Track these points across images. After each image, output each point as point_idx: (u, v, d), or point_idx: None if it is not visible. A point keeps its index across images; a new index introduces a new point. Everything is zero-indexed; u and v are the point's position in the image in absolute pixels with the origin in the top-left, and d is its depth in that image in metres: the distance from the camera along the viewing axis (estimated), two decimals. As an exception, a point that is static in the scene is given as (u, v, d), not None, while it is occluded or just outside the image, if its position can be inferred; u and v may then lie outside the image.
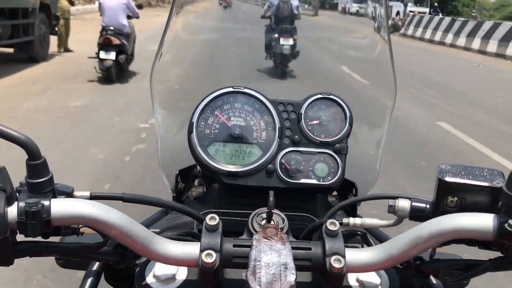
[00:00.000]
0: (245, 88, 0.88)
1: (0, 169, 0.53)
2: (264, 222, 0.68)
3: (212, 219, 0.60)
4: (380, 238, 0.83)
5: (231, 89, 0.87)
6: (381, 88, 1.06)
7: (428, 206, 0.63)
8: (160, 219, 0.89)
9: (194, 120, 0.85)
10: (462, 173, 0.60)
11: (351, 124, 0.87)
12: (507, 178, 0.55)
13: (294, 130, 0.87)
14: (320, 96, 0.89)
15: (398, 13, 36.00)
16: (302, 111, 0.87)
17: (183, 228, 0.80)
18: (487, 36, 15.81)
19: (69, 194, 0.60)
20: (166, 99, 1.05)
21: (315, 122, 0.88)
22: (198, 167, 1.03)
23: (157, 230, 0.82)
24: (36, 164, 0.54)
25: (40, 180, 0.54)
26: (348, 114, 0.88)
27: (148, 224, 0.86)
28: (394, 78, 1.00)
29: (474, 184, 0.58)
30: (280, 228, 0.67)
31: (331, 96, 0.89)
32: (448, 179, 0.59)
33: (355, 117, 0.88)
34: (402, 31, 21.60)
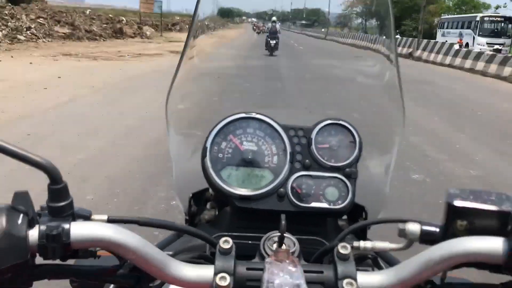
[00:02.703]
0: (257, 114, 0.90)
1: (23, 193, 0.55)
2: (275, 245, 0.69)
3: (225, 243, 0.61)
4: (390, 261, 0.83)
5: (243, 115, 0.90)
6: (390, 113, 1.08)
7: (438, 230, 0.63)
8: (174, 241, 0.90)
9: (208, 145, 0.87)
10: (471, 197, 0.61)
11: (360, 149, 0.89)
12: None
13: (305, 154, 0.88)
14: (329, 121, 0.91)
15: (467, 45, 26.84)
16: (313, 136, 0.89)
17: (196, 250, 0.82)
18: None
19: (87, 217, 0.62)
20: (180, 124, 1.08)
21: (325, 147, 0.90)
22: (211, 190, 1.05)
23: (170, 253, 0.83)
24: (58, 189, 0.55)
25: (61, 204, 0.56)
26: (357, 140, 0.89)
27: (162, 247, 0.87)
28: (402, 102, 1.02)
29: (482, 208, 0.59)
30: (291, 252, 0.68)
31: (340, 122, 0.91)
32: (457, 203, 0.60)
33: (365, 142, 0.90)
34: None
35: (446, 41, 23.80)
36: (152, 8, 33.71)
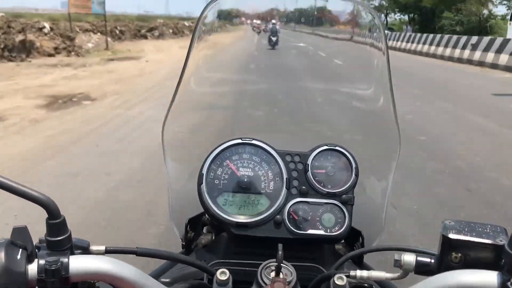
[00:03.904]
0: (253, 139, 0.91)
1: (22, 228, 0.55)
2: (273, 274, 0.70)
3: (222, 274, 0.61)
4: None
5: (239, 141, 0.90)
6: (386, 139, 1.09)
7: (433, 261, 0.64)
8: (170, 268, 0.90)
9: (204, 171, 0.88)
10: (466, 229, 0.61)
11: (357, 175, 0.89)
12: (510, 236, 0.57)
13: (301, 180, 0.89)
14: (326, 147, 0.91)
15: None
16: (309, 162, 0.90)
17: (193, 277, 0.82)
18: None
19: (85, 248, 0.63)
20: (176, 150, 1.08)
21: (321, 172, 0.90)
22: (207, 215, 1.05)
23: (167, 281, 0.83)
24: (56, 223, 0.56)
25: (60, 238, 0.56)
26: (354, 165, 0.90)
27: (158, 274, 0.87)
28: (398, 129, 1.02)
29: (477, 241, 0.60)
30: (288, 282, 0.68)
31: (337, 148, 0.91)
32: (452, 236, 0.61)
33: (361, 167, 0.90)
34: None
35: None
36: (90, 7, 20.69)
